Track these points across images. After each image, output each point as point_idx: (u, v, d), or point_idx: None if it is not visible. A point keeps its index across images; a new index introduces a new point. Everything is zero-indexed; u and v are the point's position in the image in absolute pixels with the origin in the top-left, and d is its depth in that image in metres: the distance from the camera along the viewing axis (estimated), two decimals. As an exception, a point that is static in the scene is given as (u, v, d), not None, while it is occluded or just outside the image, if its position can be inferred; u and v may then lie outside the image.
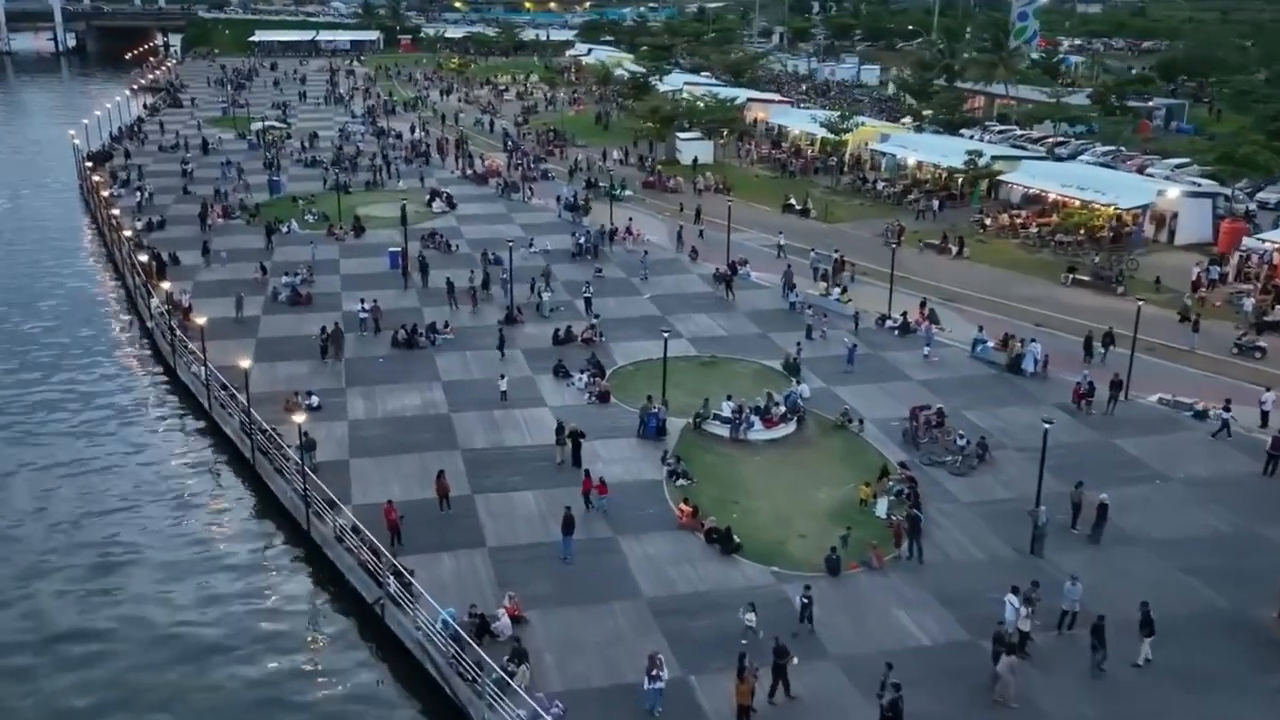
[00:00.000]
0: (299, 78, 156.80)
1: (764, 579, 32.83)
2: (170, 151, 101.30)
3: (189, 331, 51.52)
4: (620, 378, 48.25)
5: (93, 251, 75.03)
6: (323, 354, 48.73)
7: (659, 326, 54.60)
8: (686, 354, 51.22)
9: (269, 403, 43.98)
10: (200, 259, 65.19)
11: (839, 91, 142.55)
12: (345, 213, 76.13)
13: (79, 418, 47.63)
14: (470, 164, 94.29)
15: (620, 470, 39.39)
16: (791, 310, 57.04)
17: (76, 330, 58.59)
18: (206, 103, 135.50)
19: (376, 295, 58.53)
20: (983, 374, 49.27)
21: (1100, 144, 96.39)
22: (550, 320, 55.49)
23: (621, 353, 51.08)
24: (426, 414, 44.31)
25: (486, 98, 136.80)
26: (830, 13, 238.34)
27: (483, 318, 56.26)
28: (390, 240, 70.96)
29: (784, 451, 41.38)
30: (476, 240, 70.70)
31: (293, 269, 62.06)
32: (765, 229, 72.52)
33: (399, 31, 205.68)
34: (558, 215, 77.95)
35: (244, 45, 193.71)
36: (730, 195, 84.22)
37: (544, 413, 44.33)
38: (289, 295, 58.02)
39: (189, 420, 47.18)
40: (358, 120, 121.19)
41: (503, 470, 39.34)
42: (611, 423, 43.27)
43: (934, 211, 76.22)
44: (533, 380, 47.55)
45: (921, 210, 76.70)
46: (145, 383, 51.77)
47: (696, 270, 64.96)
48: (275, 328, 54.33)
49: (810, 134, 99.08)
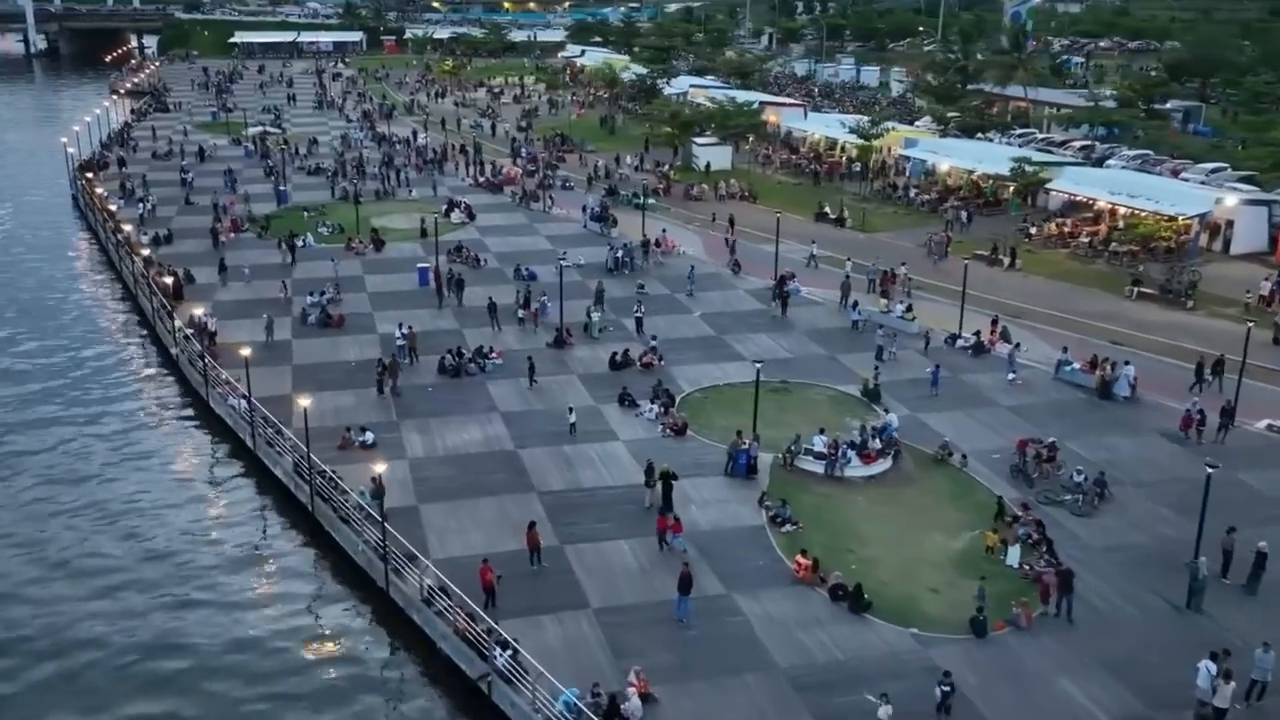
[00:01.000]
0: (286, 80, 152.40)
1: (904, 643, 29.71)
2: (164, 159, 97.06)
3: (218, 358, 47.88)
4: (689, 407, 45.04)
5: (94, 269, 70.70)
6: (380, 388, 45.02)
7: (717, 347, 51.84)
8: (752, 378, 47.96)
9: (316, 439, 40.45)
10: (216, 277, 61.36)
11: (844, 93, 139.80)
12: (359, 224, 72.50)
13: (105, 459, 43.80)
14: (481, 171, 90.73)
15: (716, 514, 36.21)
16: (854, 329, 54.02)
17: (89, 359, 54.54)
18: (193, 107, 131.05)
19: (410, 315, 55.22)
20: (1071, 398, 46.40)
21: (1127, 148, 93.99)
22: (600, 342, 52.25)
23: (685, 378, 47.86)
24: (492, 450, 40.89)
25: (485, 101, 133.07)
26: (815, 13, 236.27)
27: (529, 339, 52.88)
28: (413, 254, 67.61)
29: (886, 490, 38.29)
30: (504, 254, 67.29)
31: (318, 287, 58.48)
32: (800, 239, 69.44)
33: (382, 32, 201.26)
34: (583, 226, 74.63)
35: (223, 47, 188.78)
36: (756, 203, 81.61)
37: (618, 448, 41.07)
38: (319, 317, 54.38)
39: (230, 460, 43.43)
40: (354, 125, 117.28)
41: (588, 516, 36.03)
42: (693, 459, 40.03)
43: (962, 222, 72.93)
44: (597, 410, 44.23)
45: (950, 220, 73.61)
46: (174, 417, 47.83)
47: (742, 285, 61.83)
48: (309, 353, 50.71)
49: (829, 138, 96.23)
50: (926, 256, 66.90)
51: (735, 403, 45.47)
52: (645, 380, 47.07)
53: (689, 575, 30.76)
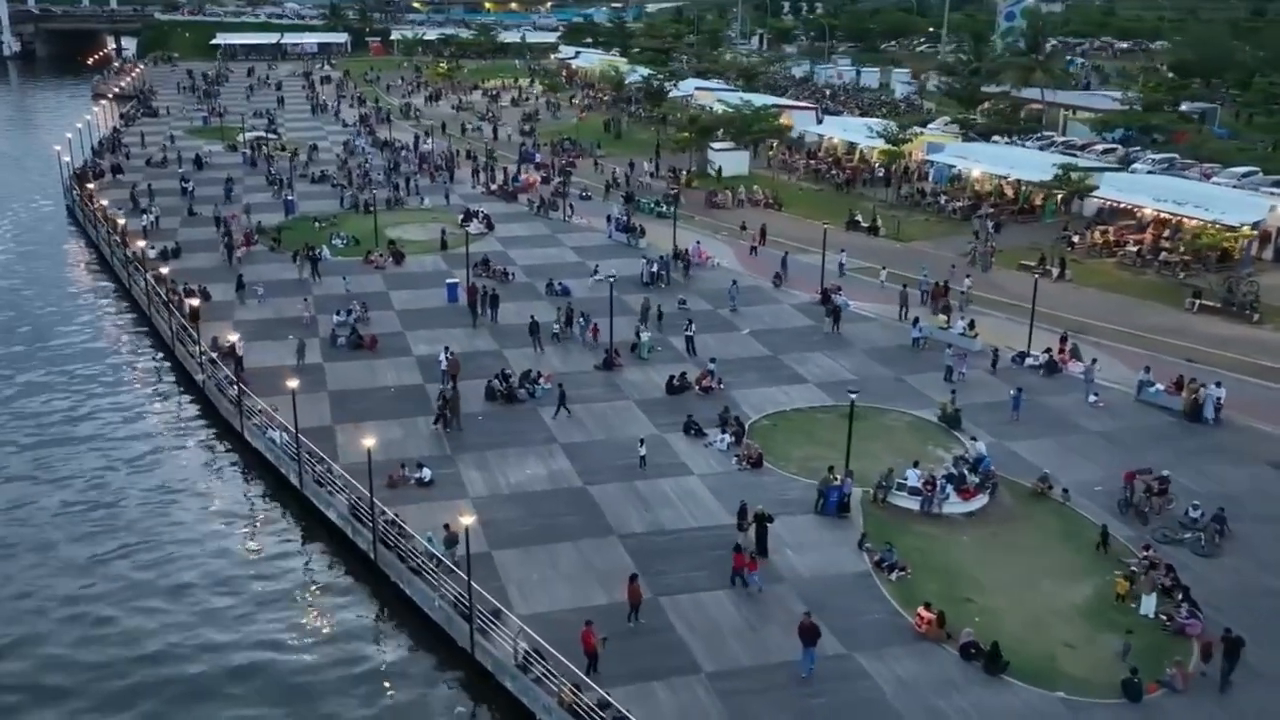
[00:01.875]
0: (274, 83, 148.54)
1: (1052, 708, 27.11)
2: (160, 167, 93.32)
3: (247, 385, 44.74)
4: (757, 434, 42.27)
5: (99, 288, 66.74)
6: (440, 422, 41.87)
7: (774, 368, 49.19)
8: (822, 403, 45.40)
9: (364, 475, 37.46)
10: (234, 294, 58.05)
11: (847, 95, 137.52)
12: (371, 235, 69.37)
13: (136, 500, 40.55)
14: (492, 178, 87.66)
15: (816, 559, 33.49)
16: (915, 346, 51.43)
17: (104, 389, 50.98)
18: (181, 111, 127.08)
19: (444, 335, 52.46)
20: (1159, 422, 44.01)
21: (1150, 151, 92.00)
22: (650, 363, 49.46)
23: (748, 403, 45.09)
24: (559, 487, 38.00)
25: (483, 104, 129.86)
26: (802, 14, 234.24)
27: (574, 360, 50.03)
28: (435, 268, 64.63)
29: (989, 529, 35.67)
30: (531, 267, 64.35)
31: (341, 305, 55.44)
32: (833, 248, 66.78)
33: (368, 33, 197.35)
34: (608, 236, 71.77)
35: (205, 49, 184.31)
36: (781, 210, 78.99)
37: (693, 483, 38.28)
38: (349, 338, 51.27)
39: (271, 499, 40.29)
40: (351, 129, 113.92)
41: (678, 563, 33.21)
42: (775, 495, 37.28)
43: (989, 231, 70.08)
44: (663, 440, 41.38)
45: (977, 230, 70.70)
46: (205, 450, 44.55)
47: (786, 299, 59.16)
48: (344, 378, 47.60)
49: (848, 142, 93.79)
50: (970, 267, 64.43)
51: (806, 430, 42.87)
52: (706, 406, 44.36)
53: (813, 625, 28.15)
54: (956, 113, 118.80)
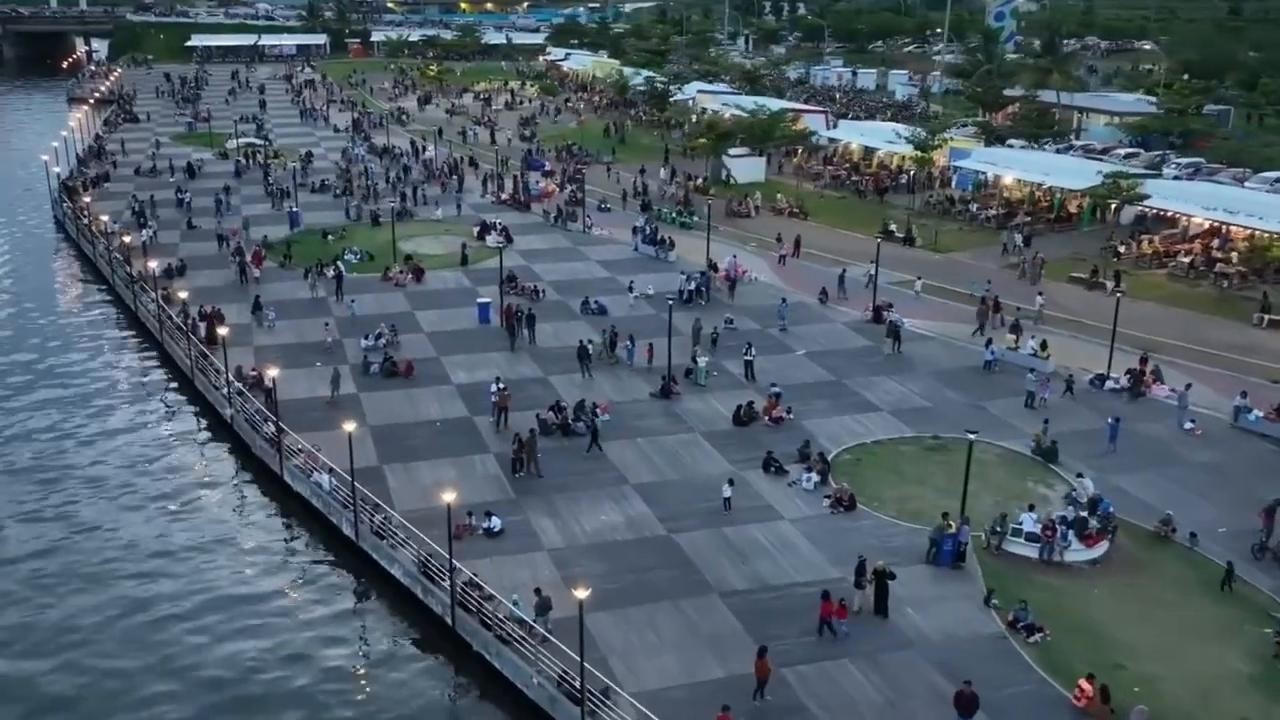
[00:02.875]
0: (257, 86, 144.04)
1: (1249, 799, 24.15)
2: (150, 176, 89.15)
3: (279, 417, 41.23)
4: (843, 472, 39.15)
5: (100, 310, 62.24)
6: (515, 468, 38.33)
7: (841, 394, 46.21)
8: (900, 433, 42.40)
9: (426, 524, 34.21)
10: (250, 317, 54.33)
11: (850, 98, 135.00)
12: (385, 249, 65.92)
13: (174, 556, 36.90)
14: (501, 186, 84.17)
15: (941, 619, 30.42)
16: (986, 369, 48.54)
17: (117, 422, 47.11)
18: (163, 116, 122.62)
19: (482, 360, 49.24)
20: (1262, 450, 41.46)
21: (1173, 155, 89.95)
22: (708, 390, 46.29)
23: (823, 434, 41.97)
24: (642, 536, 34.76)
25: (477, 108, 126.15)
26: (783, 15, 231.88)
27: (626, 387, 46.77)
28: (458, 285, 61.33)
29: (1119, 580, 32.74)
30: (560, 283, 61.04)
31: (367, 327, 51.99)
32: (863, 259, 63.99)
33: (347, 35, 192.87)
34: (633, 249, 68.52)
35: (179, 51, 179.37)
36: (807, 220, 76.06)
37: (786, 530, 35.14)
38: (383, 365, 47.74)
39: (321, 551, 36.68)
40: (345, 135, 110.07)
41: (790, 625, 30.04)
42: (878, 541, 34.23)
43: (1016, 244, 66.88)
44: (742, 479, 38.16)
45: (1005, 243, 67.70)
46: (240, 497, 40.82)
47: (837, 316, 56.17)
48: (384, 411, 44.07)
49: (866, 147, 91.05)
50: (1018, 280, 61.72)
51: (893, 465, 39.86)
52: (779, 438, 41.30)
53: (973, 695, 25.16)
54: (964, 115, 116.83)
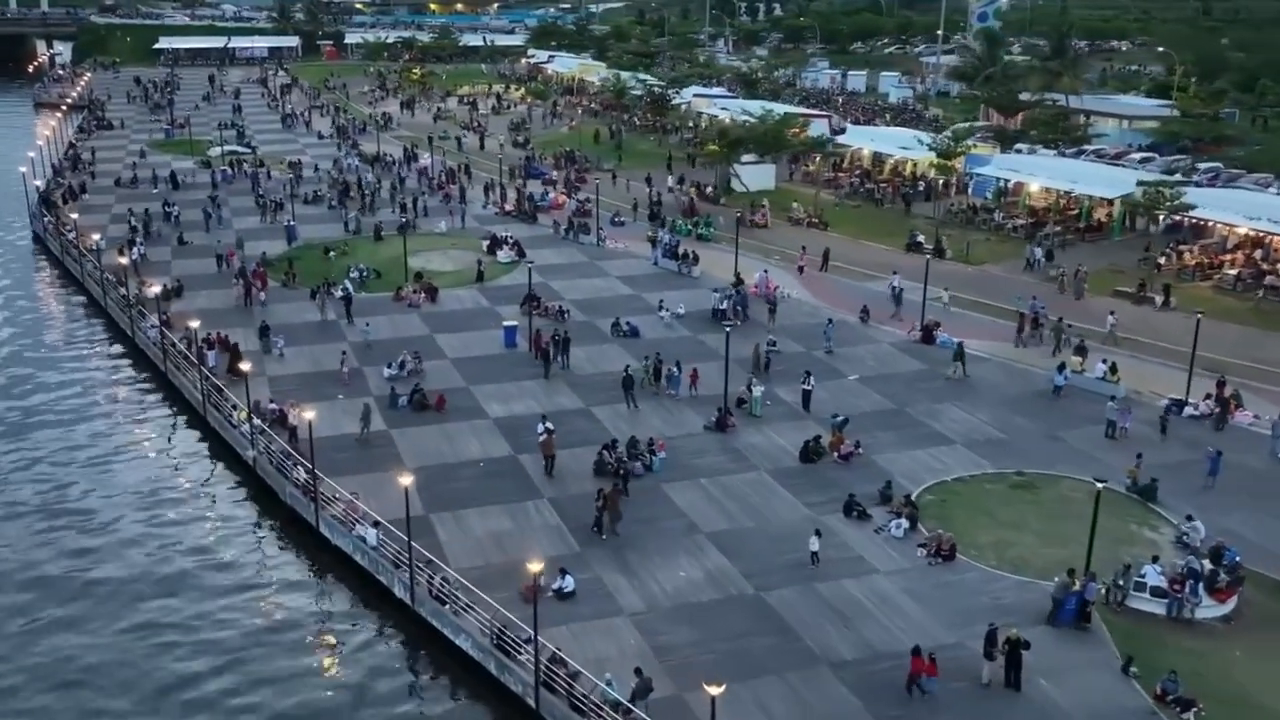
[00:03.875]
0: (232, 91, 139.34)
1: None
2: (131, 187, 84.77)
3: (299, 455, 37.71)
4: (926, 513, 36.15)
5: (90, 334, 58.47)
6: (596, 526, 34.77)
7: (907, 425, 43.39)
8: (980, 468, 39.47)
9: (488, 583, 30.92)
10: (257, 343, 50.55)
11: (845, 101, 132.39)
12: (391, 265, 62.49)
13: (211, 621, 33.34)
14: (503, 196, 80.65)
15: (1079, 691, 27.48)
16: (1056, 394, 45.72)
17: (122, 462, 43.38)
18: (137, 123, 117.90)
19: (518, 390, 46.05)
20: (1366, 483, 38.76)
21: (1188, 159, 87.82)
22: (765, 421, 43.16)
23: (899, 471, 38.94)
24: (728, 595, 31.57)
25: (463, 112, 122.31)
26: (759, 15, 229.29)
27: (676, 419, 43.55)
28: (475, 304, 58.08)
29: (1258, 638, 29.98)
30: (582, 302, 57.77)
31: (390, 354, 48.50)
32: (884, 270, 61.47)
33: (320, 37, 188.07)
34: (653, 263, 65.28)
35: (146, 53, 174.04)
36: (827, 230, 73.11)
37: (884, 585, 32.10)
38: (412, 397, 44.19)
39: (368, 616, 33.20)
40: (329, 141, 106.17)
41: (915, 705, 26.93)
42: (988, 599, 31.34)
43: (1037, 259, 63.59)
44: (825, 526, 35.01)
45: (1027, 258, 64.52)
46: (273, 552, 37.10)
47: (882, 336, 53.22)
48: (420, 449, 40.58)
49: (879, 154, 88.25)
50: (1059, 294, 59.01)
51: (981, 506, 36.95)
52: (852, 476, 38.37)
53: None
54: (962, 119, 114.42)
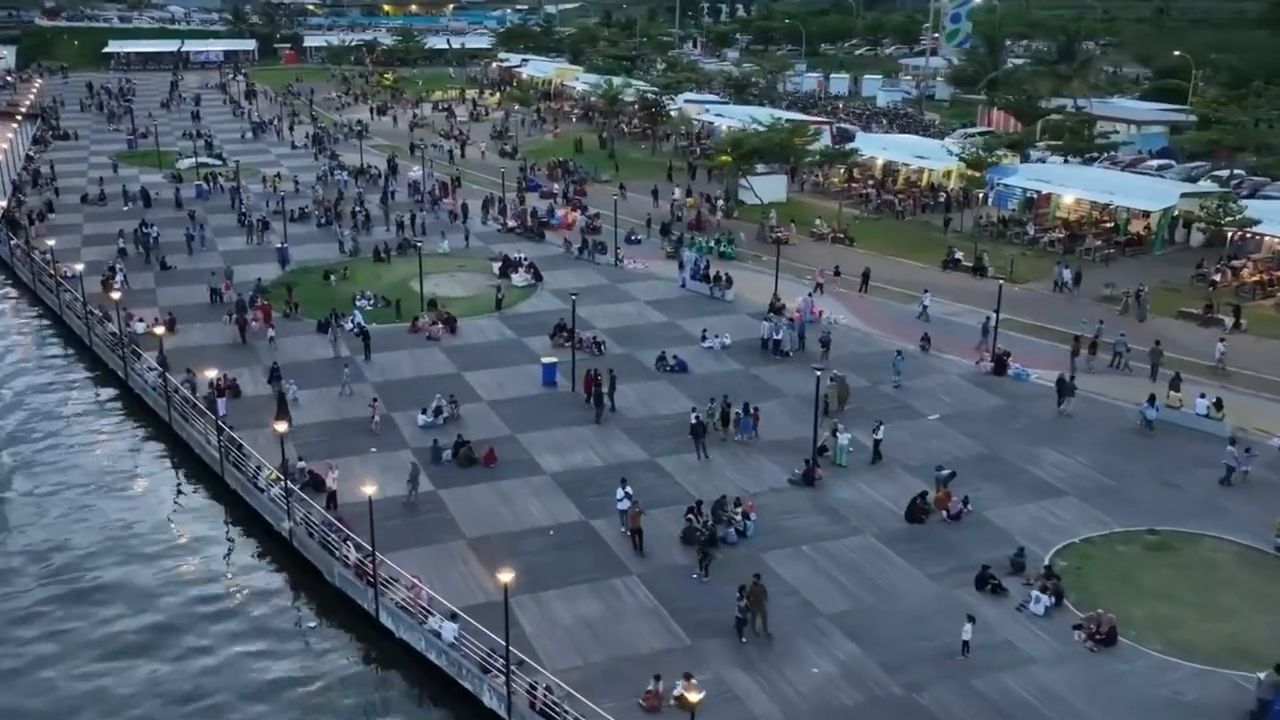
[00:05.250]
0: (192, 98, 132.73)
1: None
2: (99, 204, 78.83)
3: (350, 527, 32.97)
4: (1063, 583, 32.07)
5: (75, 376, 52.56)
6: (740, 629, 29.48)
7: (1009, 474, 39.48)
8: (1106, 526, 35.51)
9: (592, 688, 26.46)
10: (267, 387, 45.33)
11: (835, 106, 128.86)
12: (398, 290, 57.89)
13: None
14: (503, 211, 75.84)
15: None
16: (1147, 429, 42.11)
17: (138, 538, 38.03)
18: (95, 133, 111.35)
19: (570, 438, 41.55)
20: None
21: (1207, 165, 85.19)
22: (850, 472, 38.94)
23: (1017, 531, 34.94)
24: (872, 695, 27.29)
25: (440, 119, 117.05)
26: (721, 15, 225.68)
27: (753, 470, 39.21)
28: (498, 335, 53.69)
29: None
30: (615, 331, 53.33)
31: (419, 396, 43.80)
32: (916, 288, 58.00)
33: (278, 40, 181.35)
34: (681, 285, 60.92)
35: (95, 57, 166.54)
36: (853, 246, 69.14)
37: (1049, 679, 27.99)
38: (457, 451, 39.42)
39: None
40: (302, 151, 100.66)
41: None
42: (1169, 693, 27.37)
43: (1065, 281, 59.20)
44: (959, 603, 30.84)
45: (1056, 279, 60.00)
46: (326, 651, 31.91)
47: (948, 366, 49.26)
48: (476, 514, 35.87)
49: (892, 163, 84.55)
50: (1120, 315, 55.44)
51: (1121, 572, 33.10)
52: (968, 539, 34.44)
53: None
54: (960, 124, 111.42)
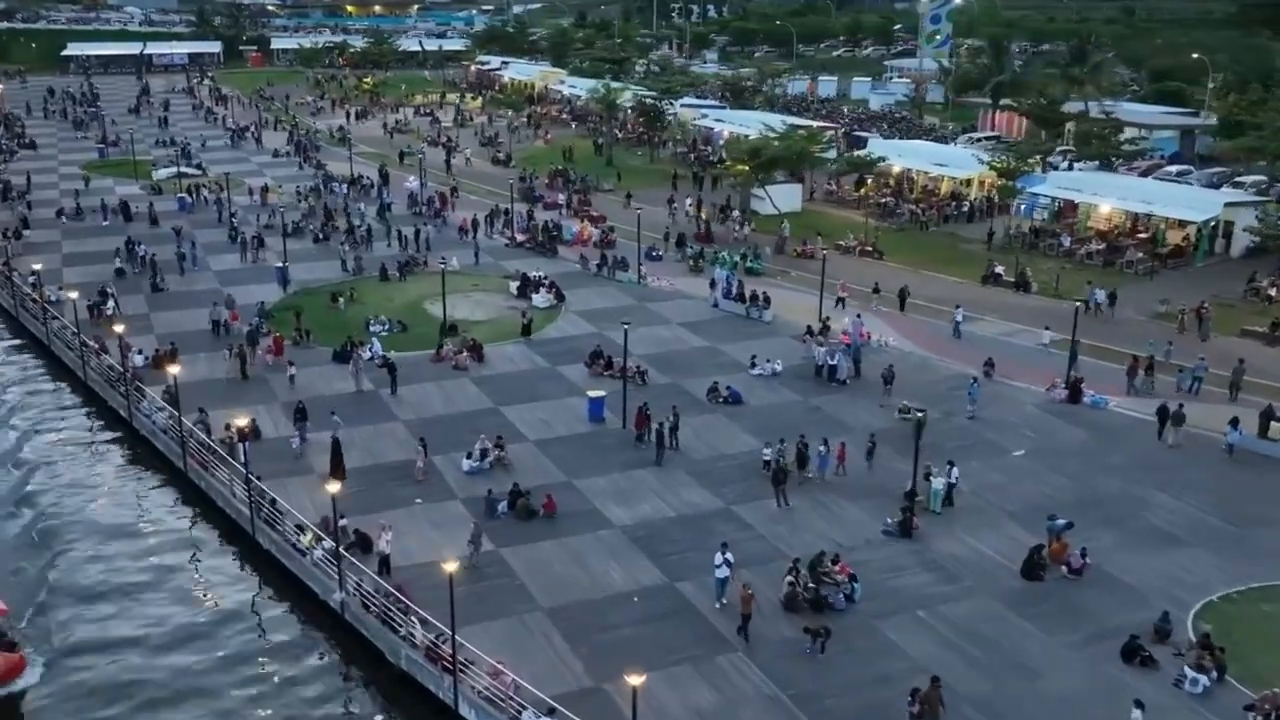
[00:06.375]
0: (160, 103, 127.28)
1: None
2: (76, 219, 74.02)
3: (410, 599, 29.14)
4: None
5: (70, 418, 47.71)
6: None
7: (1118, 519, 35.95)
8: (1241, 581, 32.38)
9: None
10: (292, 428, 41.13)
11: (829, 109, 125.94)
12: (410, 313, 54.38)
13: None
14: (509, 224, 71.91)
15: None
16: (1228, 452, 39.49)
17: (170, 619, 34.13)
18: (62, 141, 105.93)
19: (630, 483, 38.01)
20: None
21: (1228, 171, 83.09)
22: (948, 519, 35.56)
23: (1149, 588, 31.70)
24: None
25: (424, 124, 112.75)
26: (692, 16, 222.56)
27: (842, 519, 35.71)
28: (529, 364, 50.08)
29: None
30: (652, 358, 49.45)
31: (459, 435, 39.98)
32: (981, 310, 54.97)
33: (244, 42, 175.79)
34: (713, 305, 57.41)
35: (54, 60, 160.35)
36: (883, 259, 65.96)
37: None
38: (514, 502, 35.55)
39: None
40: (284, 159, 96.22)
41: None
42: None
43: (1098, 302, 55.31)
44: (1107, 678, 27.50)
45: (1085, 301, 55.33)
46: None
47: (1020, 396, 46.01)
48: (550, 581, 32.02)
49: (908, 170, 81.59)
50: (1180, 334, 52.59)
51: (1275, 635, 29.71)
52: (1096, 598, 31.26)
53: None
54: (964, 129, 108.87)
